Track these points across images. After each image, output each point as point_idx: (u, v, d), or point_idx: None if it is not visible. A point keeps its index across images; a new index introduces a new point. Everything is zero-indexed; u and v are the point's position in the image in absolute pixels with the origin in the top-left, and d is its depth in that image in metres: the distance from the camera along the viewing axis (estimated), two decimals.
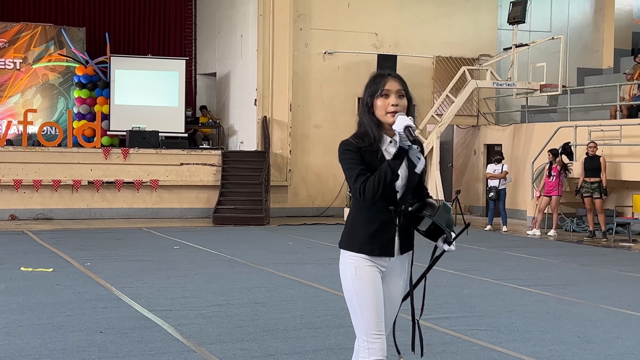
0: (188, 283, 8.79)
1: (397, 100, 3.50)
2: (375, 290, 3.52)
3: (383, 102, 3.50)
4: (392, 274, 3.64)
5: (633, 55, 20.33)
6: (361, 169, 3.45)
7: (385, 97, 3.51)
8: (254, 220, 16.85)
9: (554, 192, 15.58)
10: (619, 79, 18.60)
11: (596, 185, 14.94)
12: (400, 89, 3.53)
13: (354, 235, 3.57)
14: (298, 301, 7.80)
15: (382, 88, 3.51)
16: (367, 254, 3.53)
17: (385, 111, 3.49)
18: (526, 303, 7.95)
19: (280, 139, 18.90)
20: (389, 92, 3.51)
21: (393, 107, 3.48)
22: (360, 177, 3.43)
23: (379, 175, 3.39)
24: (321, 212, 19.24)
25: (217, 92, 21.31)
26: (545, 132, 17.69)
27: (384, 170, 3.39)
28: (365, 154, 3.48)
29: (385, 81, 3.53)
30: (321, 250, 12.21)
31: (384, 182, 3.38)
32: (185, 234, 14.46)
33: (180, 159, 18.15)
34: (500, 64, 20.55)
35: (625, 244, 14.18)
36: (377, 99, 3.52)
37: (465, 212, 19.15)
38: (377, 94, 3.52)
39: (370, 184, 3.40)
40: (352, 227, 3.60)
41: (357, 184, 3.43)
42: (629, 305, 7.96)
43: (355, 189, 3.43)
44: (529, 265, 11.07)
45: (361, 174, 3.44)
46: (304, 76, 19.28)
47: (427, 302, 4.09)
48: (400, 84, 3.55)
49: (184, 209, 18.19)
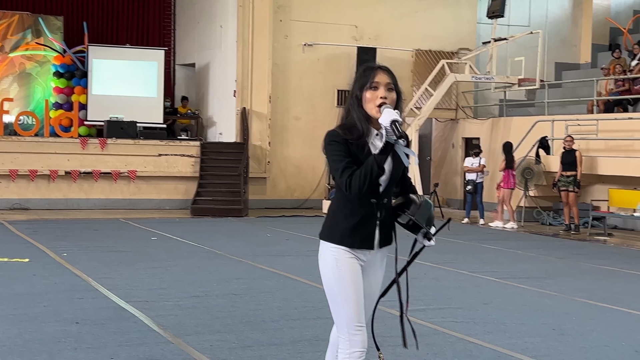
0: (165, 274, 8.75)
1: (385, 93, 3.48)
2: (356, 282, 3.52)
3: (372, 94, 3.48)
4: (372, 267, 3.64)
5: (610, 51, 20.49)
6: (347, 162, 3.43)
7: (374, 90, 3.48)
8: (232, 211, 16.81)
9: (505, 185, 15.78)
10: (596, 73, 18.74)
11: (572, 178, 15.10)
12: (389, 82, 3.51)
13: (335, 227, 3.56)
14: (276, 293, 7.79)
15: (372, 80, 3.49)
16: (347, 246, 3.52)
17: (374, 104, 3.48)
18: (503, 295, 8.00)
19: (260, 131, 18.85)
20: (378, 84, 3.49)
21: (381, 99, 3.47)
22: (346, 171, 3.42)
23: (365, 169, 3.38)
24: (300, 204, 19.23)
25: (196, 83, 21.20)
26: (523, 126, 17.79)
27: (370, 165, 3.38)
28: (352, 147, 3.46)
29: (375, 74, 3.51)
30: (299, 242, 12.21)
31: (370, 176, 3.37)
32: (163, 225, 14.40)
33: (159, 149, 18.05)
34: (479, 58, 20.63)
35: (601, 238, 14.32)
36: (366, 92, 3.49)
37: (443, 205, 19.23)
38: (367, 87, 3.49)
39: (357, 178, 3.39)
40: (333, 218, 3.59)
41: (344, 177, 3.41)
42: (603, 298, 8.04)
43: (342, 182, 3.42)
44: (506, 258, 11.14)
45: (347, 167, 3.42)
46: (284, 68, 19.22)
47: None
48: (390, 77, 3.53)
49: (162, 200, 18.11)
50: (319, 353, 5.19)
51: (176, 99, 21.33)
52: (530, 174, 16.28)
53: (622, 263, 10.84)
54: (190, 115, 20.61)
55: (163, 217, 16.27)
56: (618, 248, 12.97)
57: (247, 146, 18.13)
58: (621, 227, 16.09)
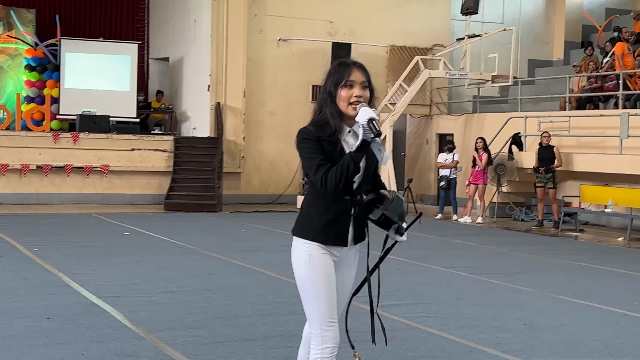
0: (138, 270, 8.72)
1: (360, 92, 3.48)
2: (329, 278, 3.53)
3: (347, 92, 3.47)
4: (344, 263, 3.65)
5: (583, 48, 20.68)
6: (321, 160, 3.42)
7: (349, 88, 3.48)
8: (206, 206, 16.76)
9: (480, 180, 15.88)
10: (569, 71, 18.90)
11: (550, 175, 15.20)
12: (364, 80, 3.51)
13: (309, 223, 3.56)
14: (249, 288, 7.79)
15: (347, 78, 3.48)
16: (321, 242, 3.53)
17: (348, 102, 3.47)
18: (475, 291, 8.06)
19: (234, 126, 18.79)
20: (354, 83, 3.48)
21: (356, 98, 3.47)
22: (321, 168, 3.41)
23: (341, 167, 3.38)
24: (274, 199, 19.22)
25: (169, 77, 21.09)
26: (496, 123, 17.90)
27: (346, 163, 3.37)
28: (325, 144, 3.46)
29: (350, 71, 3.49)
30: (274, 238, 12.21)
31: (347, 174, 3.37)
32: (136, 220, 14.32)
33: (132, 144, 17.93)
34: (453, 55, 20.72)
35: (572, 234, 14.46)
36: (340, 90, 3.48)
37: (417, 200, 19.28)
38: (341, 84, 3.48)
39: (332, 176, 3.38)
40: (307, 215, 3.59)
41: (319, 174, 3.41)
42: (574, 293, 8.12)
43: (317, 179, 3.41)
44: (479, 253, 11.22)
45: (322, 164, 3.42)
46: (258, 63, 19.17)
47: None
48: (365, 75, 3.52)
49: (135, 194, 18.00)
50: (292, 349, 5.19)
51: (150, 93, 21.18)
52: (503, 169, 16.41)
53: (592, 259, 10.96)
54: (163, 109, 20.49)
55: (136, 212, 16.19)
56: (589, 244, 13.11)
57: (221, 141, 18.07)
58: (592, 223, 16.25)
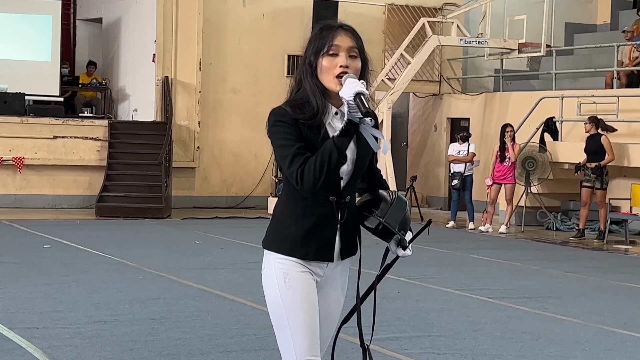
0: (62, 293, 8.68)
1: (347, 61, 3.48)
2: (309, 303, 3.53)
3: (330, 62, 3.48)
4: (330, 284, 3.65)
5: (635, 8, 20.80)
6: (298, 148, 3.42)
7: (333, 56, 3.48)
8: (150, 211, 16.73)
9: (509, 178, 15.91)
10: (617, 37, 19.02)
11: (598, 172, 15.07)
12: (353, 46, 3.51)
13: (284, 233, 3.56)
14: (206, 317, 7.77)
15: (330, 44, 3.48)
16: (300, 257, 3.53)
17: (332, 74, 3.47)
18: (497, 320, 8.09)
19: (187, 107, 18.76)
20: (338, 49, 3.48)
21: (341, 68, 3.47)
22: (297, 159, 3.40)
23: (321, 156, 3.36)
24: (239, 202, 19.20)
25: (103, 45, 21.01)
26: (525, 104, 17.98)
27: (327, 151, 3.36)
28: (304, 128, 3.46)
29: (334, 35, 3.50)
30: (238, 251, 12.19)
31: (328, 165, 3.35)
32: (59, 229, 14.26)
33: (54, 130, 17.85)
34: (469, 16, 20.79)
35: (621, 247, 14.56)
36: (322, 58, 3.49)
37: (422, 204, 19.36)
38: (323, 52, 3.49)
39: (310, 168, 3.36)
40: (281, 222, 3.59)
41: (294, 167, 3.40)
42: (624, 323, 8.16)
43: (291, 173, 3.40)
44: (501, 272, 11.26)
45: (298, 154, 3.41)
46: (218, 26, 19.14)
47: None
48: (354, 39, 3.53)
49: (58, 196, 17.93)
50: None
51: (77, 65, 21.10)
52: (533, 165, 16.48)
53: None
54: (95, 85, 20.42)
55: (59, 218, 16.12)
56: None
57: (170, 127, 18.04)
58: None
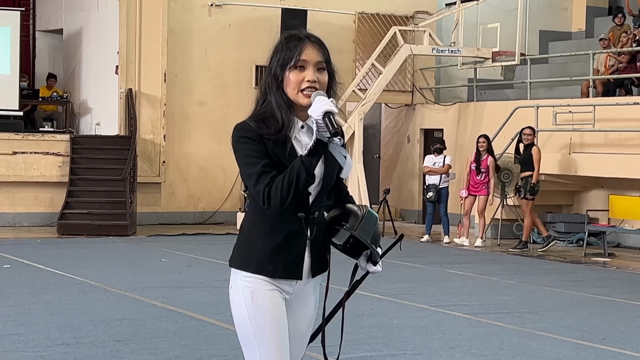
0: (23, 315, 8.63)
1: (315, 75, 3.50)
2: (278, 322, 3.54)
3: (297, 76, 3.49)
4: (300, 302, 3.65)
5: (610, 15, 20.98)
6: (264, 166, 3.42)
7: (300, 70, 3.50)
8: (114, 229, 16.65)
9: (482, 190, 16.01)
10: (593, 45, 19.15)
11: (524, 181, 15.50)
12: (321, 60, 3.53)
13: (251, 250, 3.56)
14: (173, 338, 7.75)
15: (297, 58, 3.50)
16: (267, 275, 3.53)
17: (298, 88, 3.48)
18: (473, 337, 8.11)
19: (151, 120, 18.71)
20: (306, 63, 3.50)
21: (308, 83, 3.48)
22: (263, 177, 3.40)
23: (289, 176, 3.37)
24: (206, 218, 19.16)
25: (64, 56, 20.92)
26: (499, 114, 18.07)
27: (295, 170, 3.36)
28: (269, 144, 3.47)
29: (302, 48, 3.51)
30: (206, 269, 12.17)
31: (296, 185, 3.36)
32: (19, 248, 14.19)
33: (13, 145, 17.75)
34: (442, 25, 20.88)
35: (600, 259, 14.64)
36: (289, 72, 3.50)
37: (396, 218, 19.38)
38: (290, 65, 3.50)
39: (278, 187, 3.37)
40: (248, 239, 3.59)
41: (260, 186, 3.40)
42: (603, 338, 8.21)
43: (257, 192, 3.40)
44: (477, 287, 11.29)
45: (264, 172, 3.41)
46: (183, 36, 19.12)
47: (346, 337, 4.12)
48: (322, 53, 3.55)
49: (18, 214, 17.82)
50: None
51: (37, 78, 20.98)
52: (509, 176, 16.55)
53: (626, 292, 11.10)
54: (56, 99, 20.31)
55: (20, 237, 16.03)
56: (621, 272, 13.27)
57: (135, 141, 17.98)
58: (625, 245, 16.46)
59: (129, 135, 18.22)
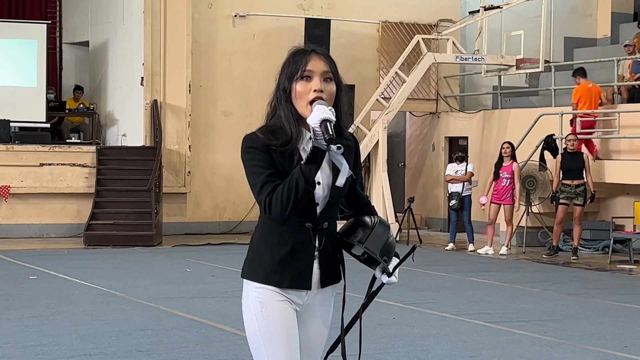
0: (47, 326, 8.68)
1: (321, 85, 3.53)
2: (288, 333, 3.56)
3: (304, 86, 3.53)
4: (311, 313, 3.67)
5: (636, 21, 20.88)
6: (268, 176, 3.45)
7: (306, 80, 3.53)
8: (140, 239, 16.71)
9: (507, 199, 15.92)
10: (618, 51, 19.07)
11: (581, 189, 15.28)
12: (327, 70, 3.56)
13: (259, 261, 3.59)
14: (195, 348, 7.77)
15: (304, 68, 3.54)
16: (275, 285, 3.55)
17: (306, 100, 3.51)
18: (494, 345, 8.10)
19: (177, 131, 18.79)
20: (312, 73, 3.54)
21: (315, 93, 3.51)
22: (266, 187, 3.44)
23: (288, 184, 3.40)
24: (231, 227, 19.20)
25: (90, 68, 21.05)
26: (524, 121, 18.01)
27: (294, 178, 3.39)
28: (276, 155, 3.50)
29: (308, 59, 3.56)
30: (230, 279, 12.13)
31: (295, 194, 3.39)
32: (45, 259, 14.26)
33: (40, 157, 17.87)
34: (465, 33, 20.86)
35: (625, 267, 14.56)
36: (296, 83, 3.54)
37: (421, 226, 19.37)
38: (297, 77, 3.54)
39: (278, 196, 3.40)
40: (256, 249, 3.63)
41: (262, 195, 3.44)
42: (625, 346, 8.18)
43: (260, 201, 3.45)
44: (499, 295, 11.26)
45: (268, 181, 3.45)
46: (208, 47, 19.20)
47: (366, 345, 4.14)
48: (328, 63, 3.58)
49: (45, 225, 17.92)
50: None
51: (64, 90, 21.13)
52: (533, 183, 16.51)
53: None
54: (83, 110, 20.45)
55: (46, 248, 16.10)
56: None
57: (160, 151, 18.06)
58: None
59: (155, 146, 18.31)
